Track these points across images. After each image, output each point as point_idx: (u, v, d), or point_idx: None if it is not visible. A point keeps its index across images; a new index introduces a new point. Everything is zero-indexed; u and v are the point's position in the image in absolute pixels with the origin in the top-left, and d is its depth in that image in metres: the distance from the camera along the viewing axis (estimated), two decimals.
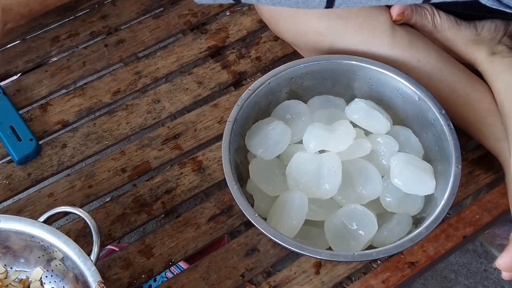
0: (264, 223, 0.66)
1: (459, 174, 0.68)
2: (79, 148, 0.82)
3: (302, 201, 0.70)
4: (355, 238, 0.69)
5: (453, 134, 0.71)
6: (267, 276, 0.79)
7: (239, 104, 0.74)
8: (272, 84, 0.76)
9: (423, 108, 0.74)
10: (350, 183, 0.72)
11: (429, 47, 0.80)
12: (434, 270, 1.23)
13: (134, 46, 0.91)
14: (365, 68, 0.77)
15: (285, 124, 0.75)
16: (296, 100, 0.79)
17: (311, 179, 0.71)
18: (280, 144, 0.74)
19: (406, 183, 0.71)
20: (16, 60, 0.90)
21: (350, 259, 0.65)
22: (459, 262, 1.24)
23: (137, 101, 0.86)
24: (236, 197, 0.68)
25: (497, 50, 0.81)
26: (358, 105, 0.76)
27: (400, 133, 0.76)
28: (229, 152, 0.70)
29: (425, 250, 0.75)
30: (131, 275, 0.74)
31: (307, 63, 0.77)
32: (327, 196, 0.71)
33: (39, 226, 0.66)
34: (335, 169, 0.70)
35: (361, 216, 0.69)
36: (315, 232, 0.72)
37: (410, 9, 0.80)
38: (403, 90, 0.75)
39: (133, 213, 0.78)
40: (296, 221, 0.69)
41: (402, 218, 0.71)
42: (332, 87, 0.80)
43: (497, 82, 0.78)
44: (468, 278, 1.23)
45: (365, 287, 0.73)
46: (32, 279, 0.70)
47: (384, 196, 0.72)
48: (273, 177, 0.73)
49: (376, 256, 0.65)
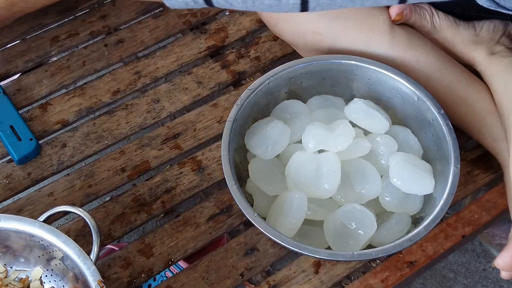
0: (263, 222, 0.66)
1: (458, 174, 0.68)
2: (79, 147, 0.83)
3: (301, 200, 0.70)
4: (354, 237, 0.69)
5: (451, 134, 0.71)
6: (267, 275, 0.79)
7: (238, 103, 0.74)
8: (271, 84, 0.76)
9: (422, 108, 0.74)
10: (349, 183, 0.72)
11: (428, 47, 0.80)
12: (433, 270, 1.23)
13: (133, 46, 0.91)
14: (363, 68, 0.77)
15: (284, 124, 0.75)
16: (295, 100, 0.79)
17: (310, 178, 0.71)
18: (279, 143, 0.74)
19: (405, 182, 0.71)
20: (16, 60, 0.90)
21: (349, 258, 0.65)
22: (458, 261, 1.24)
23: (136, 101, 0.86)
24: (236, 196, 0.68)
25: (496, 50, 0.81)
26: (357, 104, 0.76)
27: (399, 133, 0.76)
28: (229, 151, 0.70)
29: (424, 249, 0.76)
30: (131, 274, 0.74)
31: (306, 63, 0.77)
32: (326, 195, 0.71)
33: (39, 225, 0.66)
34: (334, 169, 0.70)
35: (360, 215, 0.69)
36: (314, 231, 0.72)
37: (409, 9, 0.80)
38: (402, 90, 0.76)
39: (132, 212, 0.78)
40: (295, 221, 0.69)
41: (401, 217, 0.71)
42: (331, 87, 0.80)
43: (495, 82, 0.78)
44: (467, 277, 1.23)
45: (364, 287, 0.73)
46: (32, 279, 0.70)
47: (383, 196, 0.72)
48: (273, 176, 0.74)
49: (376, 255, 0.65)
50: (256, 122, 0.77)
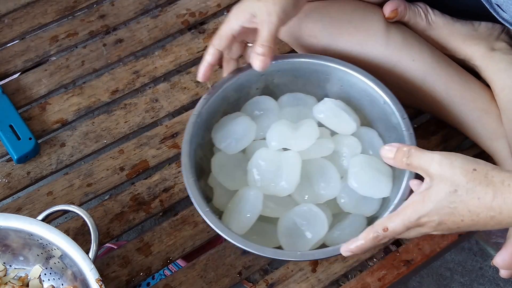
0: (214, 218, 0.66)
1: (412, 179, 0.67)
2: (77, 147, 0.83)
3: (257, 198, 0.70)
4: (303, 237, 0.69)
5: (412, 139, 0.70)
6: (264, 274, 0.80)
7: (205, 97, 0.74)
8: (241, 80, 0.76)
9: (387, 111, 0.74)
10: (309, 182, 0.72)
11: (423, 46, 0.80)
12: (430, 268, 1.24)
13: (132, 46, 0.92)
14: (334, 69, 0.76)
15: (251, 120, 0.75)
16: (266, 96, 0.79)
17: (270, 176, 0.71)
18: (244, 139, 0.74)
19: (362, 185, 0.71)
20: (15, 59, 0.90)
21: (292, 257, 0.66)
22: (455, 260, 1.25)
23: (135, 100, 0.87)
24: (191, 190, 0.68)
25: (497, 46, 0.81)
26: (326, 104, 0.76)
27: (365, 135, 0.76)
28: (190, 144, 0.70)
29: (420, 248, 0.76)
30: (129, 273, 0.75)
31: (278, 60, 0.77)
32: (284, 193, 0.71)
33: (38, 224, 0.67)
34: (294, 168, 0.70)
35: (313, 216, 0.70)
36: (271, 229, 0.72)
37: (404, 6, 0.80)
38: (370, 92, 0.75)
39: (131, 211, 0.78)
40: (249, 217, 0.69)
41: (355, 219, 0.72)
42: (304, 85, 0.80)
43: (501, 79, 0.78)
44: (463, 276, 1.23)
45: (361, 285, 0.74)
46: (31, 277, 0.71)
47: (340, 197, 0.72)
48: (234, 172, 0.74)
49: (318, 256, 0.66)
50: (224, 117, 0.77)
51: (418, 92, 0.80)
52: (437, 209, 0.58)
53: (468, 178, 0.57)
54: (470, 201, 0.57)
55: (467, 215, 0.57)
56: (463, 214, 0.57)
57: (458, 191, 0.57)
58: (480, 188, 0.57)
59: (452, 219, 0.58)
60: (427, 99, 0.80)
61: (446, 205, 0.58)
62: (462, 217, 0.58)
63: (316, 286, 0.74)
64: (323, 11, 0.80)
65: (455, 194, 0.57)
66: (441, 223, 0.59)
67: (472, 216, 0.57)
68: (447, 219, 0.58)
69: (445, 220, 0.58)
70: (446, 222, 0.59)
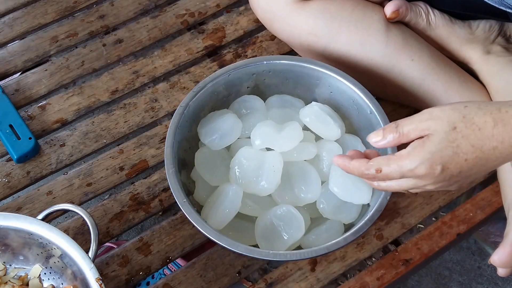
0: (191, 209, 0.67)
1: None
2: (77, 146, 0.83)
3: (236, 194, 0.70)
4: (279, 238, 0.69)
5: (393, 150, 0.68)
6: (263, 273, 0.80)
7: (194, 90, 0.74)
8: (232, 77, 0.77)
9: (373, 121, 0.74)
10: (290, 184, 0.72)
11: (423, 46, 0.80)
12: (428, 267, 1.24)
13: (132, 46, 0.92)
14: (325, 75, 0.77)
15: (237, 118, 0.76)
16: (254, 96, 0.79)
17: (251, 174, 0.71)
18: (229, 136, 0.75)
19: (342, 190, 0.71)
20: (16, 59, 0.90)
21: (264, 256, 0.65)
22: (453, 259, 1.25)
23: (134, 100, 0.87)
24: (170, 180, 0.68)
25: (492, 50, 0.81)
26: (312, 109, 0.76)
27: (348, 142, 0.76)
28: (174, 135, 0.71)
29: (419, 247, 0.76)
30: (129, 272, 0.75)
31: (270, 61, 0.77)
32: (264, 193, 0.71)
33: (38, 223, 0.67)
34: (275, 168, 0.71)
35: (291, 218, 0.70)
36: (249, 226, 0.72)
37: (405, 6, 0.80)
38: (358, 101, 0.76)
39: (131, 211, 0.79)
40: (227, 213, 0.70)
41: (332, 225, 0.72)
42: (294, 88, 0.80)
43: (495, 81, 0.78)
44: (462, 275, 1.24)
45: (360, 284, 0.74)
46: (31, 276, 0.71)
47: (320, 202, 0.73)
48: (216, 167, 0.74)
49: (290, 258, 0.66)
50: (211, 113, 0.77)
51: (417, 92, 0.80)
52: (439, 151, 0.57)
53: (463, 113, 0.56)
54: (471, 134, 0.56)
55: (471, 151, 0.56)
56: (466, 152, 0.56)
57: (457, 127, 0.56)
58: (477, 118, 0.56)
59: (456, 161, 0.56)
60: (426, 99, 0.80)
61: (448, 144, 0.56)
62: (465, 156, 0.56)
63: (315, 285, 0.74)
64: (323, 9, 0.80)
65: (454, 131, 0.56)
66: (444, 169, 0.57)
67: (476, 151, 0.56)
68: (450, 162, 0.57)
69: (447, 164, 0.57)
70: (449, 167, 0.57)
